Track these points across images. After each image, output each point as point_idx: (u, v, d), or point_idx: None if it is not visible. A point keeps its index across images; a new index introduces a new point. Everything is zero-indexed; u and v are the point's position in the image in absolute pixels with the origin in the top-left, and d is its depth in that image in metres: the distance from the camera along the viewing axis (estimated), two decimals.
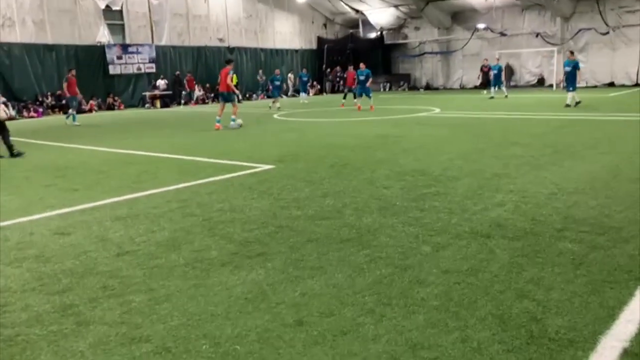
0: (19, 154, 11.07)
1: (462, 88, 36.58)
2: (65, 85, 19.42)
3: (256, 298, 3.58)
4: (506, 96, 23.83)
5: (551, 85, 31.69)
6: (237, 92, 15.89)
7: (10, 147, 11.12)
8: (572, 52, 19.69)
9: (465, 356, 2.74)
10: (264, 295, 3.62)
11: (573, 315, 3.13)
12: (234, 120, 15.38)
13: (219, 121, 15.27)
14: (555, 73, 31.59)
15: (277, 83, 26.26)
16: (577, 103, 18.13)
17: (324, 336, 3.02)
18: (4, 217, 6.05)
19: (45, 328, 3.27)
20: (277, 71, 27.50)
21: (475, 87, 35.40)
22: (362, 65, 21.43)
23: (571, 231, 4.70)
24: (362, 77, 20.81)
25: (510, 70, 34.68)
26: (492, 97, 24.16)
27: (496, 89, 24.52)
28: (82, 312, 3.47)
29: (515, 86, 33.91)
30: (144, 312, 3.42)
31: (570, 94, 18.16)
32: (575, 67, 18.24)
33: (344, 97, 24.26)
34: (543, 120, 14.53)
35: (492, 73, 24.91)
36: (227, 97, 15.40)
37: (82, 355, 2.92)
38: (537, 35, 32.66)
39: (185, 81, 30.41)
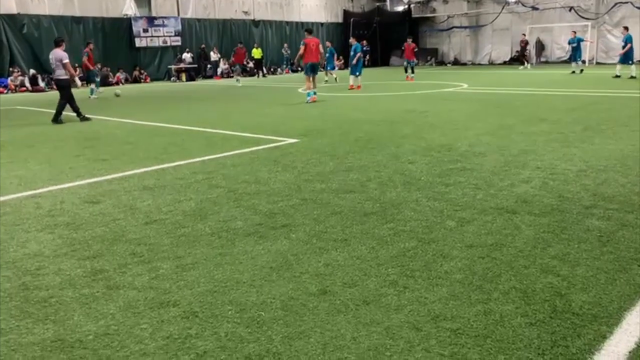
0: (86, 119, 12.41)
1: (491, 64, 35.82)
2: (85, 58, 18.99)
3: (280, 267, 3.64)
4: (581, 71, 22.63)
5: (584, 62, 30.80)
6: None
7: (78, 112, 12.50)
8: (626, 28, 20.60)
9: (487, 328, 2.75)
10: (288, 265, 3.67)
11: (598, 291, 3.11)
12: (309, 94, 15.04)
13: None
14: (588, 49, 30.66)
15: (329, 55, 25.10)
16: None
17: (347, 305, 3.06)
18: (37, 185, 6.22)
19: (77, 291, 3.39)
20: (329, 43, 25.48)
21: (505, 63, 34.70)
22: (352, 40, 20.07)
23: (599, 208, 4.63)
24: (351, 53, 19.48)
25: (540, 46, 33.80)
26: (581, 71, 22.73)
27: (578, 63, 23.17)
28: (112, 277, 3.58)
29: (546, 62, 33.10)
30: (172, 278, 3.51)
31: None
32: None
33: (406, 71, 23.61)
34: (574, 96, 14.19)
35: (570, 47, 23.30)
36: (317, 69, 15.61)
37: (112, 317, 3.02)
38: (570, 9, 31.65)
39: (217, 55, 30.29)
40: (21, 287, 3.48)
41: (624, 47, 19.88)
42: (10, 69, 24.10)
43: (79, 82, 12.72)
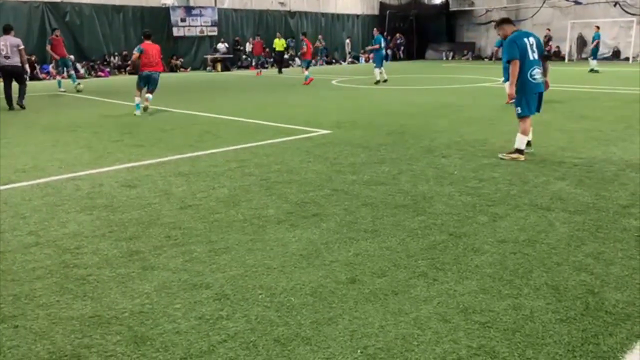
0: (12, 108, 12.51)
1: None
2: (49, 47, 17.00)
3: (311, 255, 3.68)
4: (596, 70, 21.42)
5: (627, 59, 29.85)
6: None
7: (13, 100, 12.60)
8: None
9: (517, 322, 2.74)
10: (318, 253, 3.72)
11: (633, 290, 3.05)
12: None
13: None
14: (633, 45, 29.71)
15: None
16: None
17: (376, 294, 3.09)
18: (77, 168, 6.42)
19: (114, 270, 3.51)
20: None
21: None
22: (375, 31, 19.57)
23: (637, 208, 4.52)
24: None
25: (582, 42, 32.86)
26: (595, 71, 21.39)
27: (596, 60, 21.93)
28: (147, 258, 3.69)
29: (588, 58, 32.15)
30: (205, 262, 3.60)
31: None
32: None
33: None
34: (617, 94, 13.78)
35: (594, 43, 22.05)
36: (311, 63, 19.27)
37: (147, 297, 3.12)
38: (615, 4, 30.66)
39: (251, 45, 30.01)
40: (61, 264, 3.62)
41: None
42: None
43: (27, 69, 13.11)
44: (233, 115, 10.89)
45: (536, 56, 6.38)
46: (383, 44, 18.44)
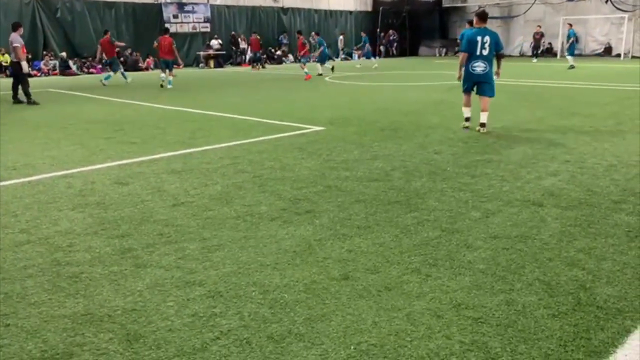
0: (34, 103, 12.94)
1: (522, 55, 35.13)
2: (106, 47, 18.27)
3: (304, 252, 3.68)
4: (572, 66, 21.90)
5: (619, 55, 30.00)
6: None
7: (28, 95, 13.06)
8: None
9: (509, 318, 2.75)
10: (312, 250, 3.71)
11: (624, 285, 3.08)
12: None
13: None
14: (624, 42, 29.85)
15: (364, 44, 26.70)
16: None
17: (369, 291, 3.09)
18: (69, 165, 6.38)
19: (107, 268, 3.49)
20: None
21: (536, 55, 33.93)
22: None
23: (628, 204, 4.55)
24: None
25: (575, 38, 32.98)
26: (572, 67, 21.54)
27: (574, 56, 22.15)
28: (140, 256, 3.67)
29: (580, 55, 32.27)
30: (198, 259, 3.59)
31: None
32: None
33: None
34: (608, 90, 13.85)
35: (571, 40, 22.16)
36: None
37: (140, 295, 3.11)
38: (607, 1, 30.78)
39: (248, 41, 29.84)
40: (53, 262, 3.60)
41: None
42: (44, 52, 24.58)
43: (25, 67, 13.25)
44: (225, 112, 10.86)
45: (485, 52, 7.76)
46: (325, 45, 22.58)
